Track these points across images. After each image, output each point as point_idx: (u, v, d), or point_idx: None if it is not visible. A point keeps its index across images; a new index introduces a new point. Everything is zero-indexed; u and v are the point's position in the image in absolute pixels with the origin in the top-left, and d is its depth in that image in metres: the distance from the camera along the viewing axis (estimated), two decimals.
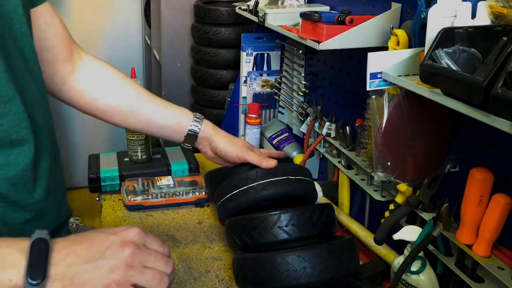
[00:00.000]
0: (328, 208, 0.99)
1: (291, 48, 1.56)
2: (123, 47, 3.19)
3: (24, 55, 0.78)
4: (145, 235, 0.69)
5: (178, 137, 1.08)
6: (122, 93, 1.03)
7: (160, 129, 1.07)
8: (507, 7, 0.71)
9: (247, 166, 1.08)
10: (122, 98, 1.03)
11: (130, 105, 1.03)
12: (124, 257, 0.64)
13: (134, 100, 1.04)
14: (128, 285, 0.64)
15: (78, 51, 1.02)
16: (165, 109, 1.06)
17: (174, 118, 1.07)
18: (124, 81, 1.05)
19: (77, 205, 3.18)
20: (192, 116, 1.07)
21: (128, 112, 1.03)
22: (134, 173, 1.42)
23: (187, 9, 2.31)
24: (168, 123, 1.06)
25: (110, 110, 1.02)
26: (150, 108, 1.05)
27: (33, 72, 0.80)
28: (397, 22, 1.04)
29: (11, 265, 0.61)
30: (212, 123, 1.11)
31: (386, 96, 0.89)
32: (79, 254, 0.64)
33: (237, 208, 1.04)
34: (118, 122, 1.04)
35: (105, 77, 1.03)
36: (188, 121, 1.07)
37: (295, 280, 0.86)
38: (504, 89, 0.57)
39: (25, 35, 0.77)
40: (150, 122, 1.05)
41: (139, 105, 1.04)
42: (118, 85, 1.04)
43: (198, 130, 1.07)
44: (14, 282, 0.60)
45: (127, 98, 1.03)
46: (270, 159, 1.04)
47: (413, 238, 0.91)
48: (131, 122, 1.05)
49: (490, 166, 0.81)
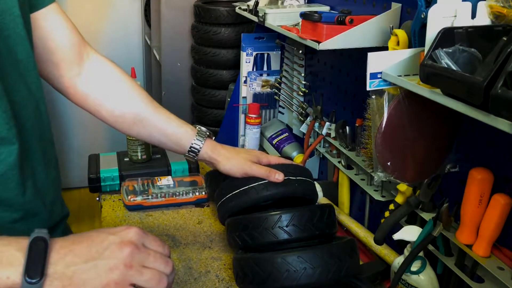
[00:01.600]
0: (328, 209, 0.99)
1: (291, 48, 1.56)
2: (123, 47, 3.19)
3: (16, 55, 0.77)
4: (145, 235, 0.69)
5: (180, 152, 1.07)
6: (127, 102, 1.02)
7: (161, 144, 1.07)
8: (507, 7, 0.71)
9: None
10: (127, 107, 1.02)
11: (134, 116, 1.02)
12: (123, 257, 0.64)
13: (138, 111, 1.02)
14: (127, 285, 0.64)
15: (89, 52, 1.00)
16: (168, 123, 1.05)
17: (175, 136, 1.05)
18: (131, 89, 1.03)
19: (77, 205, 3.18)
20: (195, 135, 1.05)
21: (131, 122, 1.02)
22: (134, 173, 1.42)
23: (187, 9, 2.31)
24: (169, 141, 1.05)
25: (112, 118, 1.01)
26: (153, 122, 1.03)
27: (25, 73, 0.79)
28: (397, 22, 1.04)
29: (9, 263, 0.61)
30: (213, 142, 1.08)
31: (386, 96, 0.89)
32: (78, 253, 0.64)
33: (237, 208, 1.04)
34: (120, 129, 1.04)
35: (113, 83, 1.02)
36: (189, 140, 1.04)
37: (295, 281, 0.86)
38: (504, 89, 0.57)
39: (20, 36, 0.77)
40: (151, 136, 1.05)
41: (142, 116, 1.02)
42: (124, 93, 1.02)
43: (198, 150, 1.05)
44: (12, 280, 0.60)
45: (131, 108, 1.02)
46: (277, 172, 1.02)
47: (413, 238, 0.91)
48: (134, 131, 1.04)
49: (490, 166, 0.81)
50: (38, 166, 0.83)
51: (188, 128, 1.06)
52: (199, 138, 1.05)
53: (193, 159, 1.07)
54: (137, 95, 1.04)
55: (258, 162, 1.07)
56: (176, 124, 1.05)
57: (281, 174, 1.02)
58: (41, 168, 0.84)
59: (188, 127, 1.06)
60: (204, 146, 1.05)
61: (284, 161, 1.11)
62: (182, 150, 1.05)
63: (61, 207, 0.94)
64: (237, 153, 1.08)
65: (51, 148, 0.90)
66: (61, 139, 3.20)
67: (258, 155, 1.09)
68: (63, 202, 0.96)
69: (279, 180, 1.01)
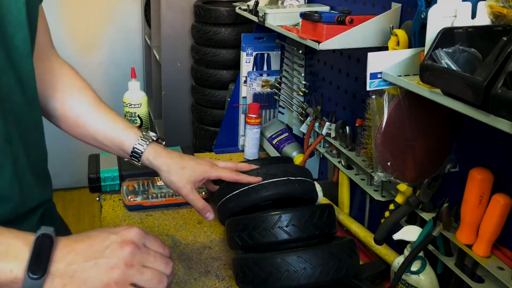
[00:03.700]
0: (328, 208, 0.99)
1: (291, 48, 1.56)
2: (123, 47, 3.19)
3: (12, 41, 0.75)
4: (146, 235, 0.69)
5: (126, 157, 1.01)
6: (71, 103, 0.98)
7: (106, 147, 1.01)
8: (507, 7, 0.71)
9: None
10: (69, 107, 0.98)
11: (77, 116, 0.98)
12: (124, 256, 0.65)
13: (80, 112, 0.98)
14: (127, 284, 0.64)
15: (50, 56, 0.98)
16: (112, 127, 0.99)
17: (119, 139, 0.99)
18: (79, 90, 0.99)
19: (77, 205, 3.18)
20: (138, 138, 0.98)
21: (73, 123, 0.99)
22: (134, 173, 1.42)
23: (187, 9, 2.31)
24: (112, 144, 1.00)
25: (56, 116, 0.98)
26: (95, 124, 0.99)
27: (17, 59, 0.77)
28: (397, 22, 1.04)
29: (14, 257, 0.61)
30: (158, 148, 1.00)
31: (386, 96, 0.89)
32: (79, 252, 0.64)
33: (237, 208, 1.04)
34: (65, 130, 1.01)
35: (62, 82, 0.98)
36: (131, 143, 0.98)
37: (295, 281, 0.86)
38: (504, 89, 0.57)
39: (20, 23, 0.76)
40: (95, 139, 1.00)
41: (84, 118, 0.98)
42: (69, 93, 0.99)
43: (139, 154, 0.98)
44: (14, 274, 0.60)
45: (73, 108, 0.98)
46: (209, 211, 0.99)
47: (413, 238, 0.91)
48: (77, 133, 1.00)
49: (490, 166, 0.81)
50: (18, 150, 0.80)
51: (132, 132, 0.99)
52: (142, 142, 0.98)
53: (139, 165, 1.00)
54: (83, 95, 1.00)
55: (205, 178, 1.01)
56: (121, 128, 0.99)
57: (211, 214, 0.99)
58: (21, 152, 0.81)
59: (133, 130, 1.00)
60: (146, 151, 0.98)
61: (232, 164, 1.07)
62: (126, 154, 1.00)
63: (40, 191, 0.88)
64: (182, 167, 1.00)
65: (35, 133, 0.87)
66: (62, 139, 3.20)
67: (206, 170, 1.02)
68: (47, 186, 0.91)
69: (208, 219, 1.00)
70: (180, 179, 0.99)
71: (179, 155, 1.02)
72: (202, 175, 1.01)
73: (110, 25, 3.17)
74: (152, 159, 0.99)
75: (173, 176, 0.99)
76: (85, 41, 3.16)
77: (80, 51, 3.14)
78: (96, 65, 3.18)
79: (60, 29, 3.06)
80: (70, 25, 3.10)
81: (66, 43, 3.08)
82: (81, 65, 2.96)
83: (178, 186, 0.99)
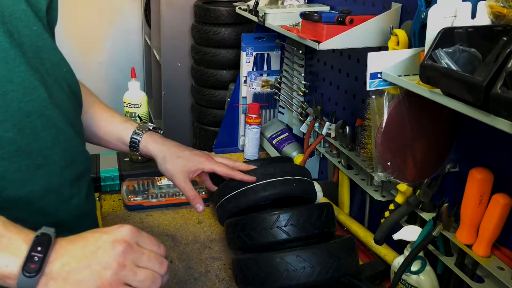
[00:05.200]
0: (327, 207, 0.99)
1: (291, 48, 1.56)
2: (123, 47, 3.19)
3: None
4: (139, 234, 0.67)
5: (126, 150, 1.03)
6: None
7: (107, 143, 1.03)
8: (507, 7, 0.71)
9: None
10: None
11: None
12: (115, 255, 0.63)
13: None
14: (121, 285, 0.63)
15: None
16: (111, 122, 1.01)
17: (118, 133, 1.01)
18: None
19: None
20: (134, 128, 1.00)
21: None
22: (134, 173, 1.42)
23: (187, 9, 2.31)
24: (113, 139, 1.01)
25: None
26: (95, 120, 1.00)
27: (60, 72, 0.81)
28: (397, 22, 1.04)
29: (13, 252, 0.61)
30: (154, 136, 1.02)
31: (386, 96, 0.89)
32: (73, 254, 0.63)
33: (236, 209, 1.04)
34: None
35: None
36: (129, 134, 1.00)
37: (294, 280, 0.86)
38: (504, 89, 0.57)
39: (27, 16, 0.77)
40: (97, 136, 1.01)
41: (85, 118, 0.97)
42: None
43: (137, 143, 0.99)
44: (9, 269, 0.60)
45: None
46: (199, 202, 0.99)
47: (413, 238, 0.91)
48: None
49: (490, 166, 0.81)
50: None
51: (129, 124, 1.02)
52: (138, 131, 1.01)
53: (139, 155, 1.03)
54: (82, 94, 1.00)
55: (200, 169, 1.02)
56: (119, 122, 1.02)
57: (201, 206, 0.99)
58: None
59: (129, 123, 1.03)
60: (143, 139, 1.00)
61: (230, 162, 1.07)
62: (126, 146, 1.02)
63: (85, 159, 0.89)
64: (177, 156, 1.01)
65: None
66: None
67: (201, 161, 1.02)
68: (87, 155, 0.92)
69: (198, 210, 1.00)
70: (174, 167, 1.00)
71: (176, 144, 1.03)
72: (197, 166, 1.02)
73: (110, 25, 3.17)
74: (149, 146, 1.00)
75: (167, 164, 1.00)
76: (85, 41, 3.16)
77: (80, 51, 3.14)
78: (96, 65, 3.18)
79: (60, 29, 3.05)
80: (70, 25, 3.09)
81: (66, 43, 3.08)
82: (81, 65, 2.96)
83: (171, 174, 1.00)
